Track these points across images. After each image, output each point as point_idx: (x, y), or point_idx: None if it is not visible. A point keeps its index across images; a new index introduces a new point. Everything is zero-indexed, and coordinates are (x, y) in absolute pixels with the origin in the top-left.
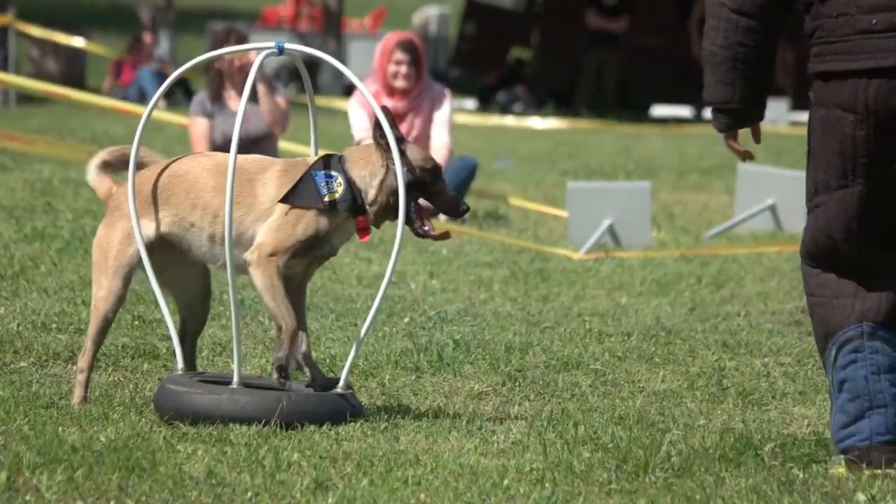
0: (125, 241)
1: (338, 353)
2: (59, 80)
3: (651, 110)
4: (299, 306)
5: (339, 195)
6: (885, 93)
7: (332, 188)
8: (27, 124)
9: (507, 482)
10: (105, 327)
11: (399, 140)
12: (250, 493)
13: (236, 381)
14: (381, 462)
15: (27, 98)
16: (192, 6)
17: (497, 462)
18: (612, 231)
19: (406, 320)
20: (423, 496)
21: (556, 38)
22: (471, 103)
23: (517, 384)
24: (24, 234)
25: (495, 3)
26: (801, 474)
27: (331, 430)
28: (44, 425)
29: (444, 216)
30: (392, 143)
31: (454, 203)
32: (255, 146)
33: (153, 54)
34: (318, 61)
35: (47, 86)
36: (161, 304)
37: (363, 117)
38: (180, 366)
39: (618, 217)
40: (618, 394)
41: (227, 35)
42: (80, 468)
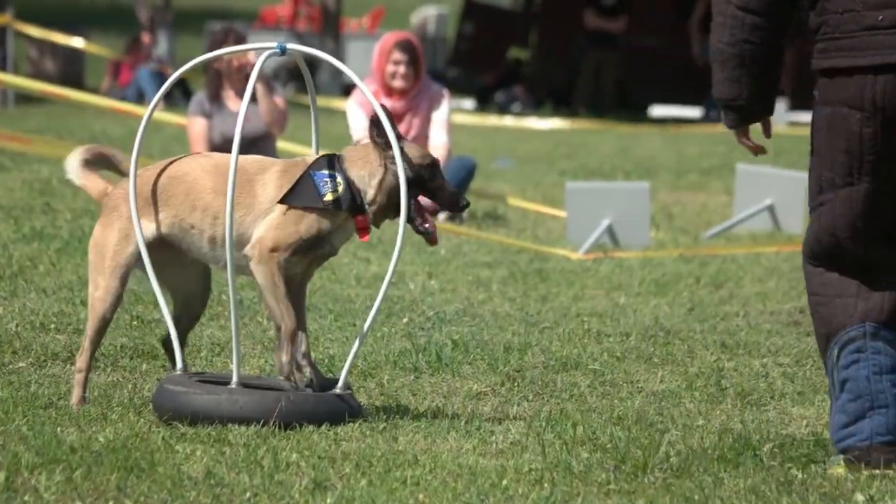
0: (122, 241)
1: (336, 353)
2: (57, 80)
3: (650, 110)
4: (299, 306)
5: (339, 195)
6: (892, 89)
7: (332, 188)
8: (25, 124)
9: (505, 482)
10: (103, 327)
11: (397, 138)
12: (249, 494)
13: (235, 381)
14: (379, 462)
15: (25, 98)
16: (190, 6)
17: (496, 462)
18: (610, 231)
19: (405, 321)
20: (421, 496)
21: (555, 38)
22: (469, 103)
23: (516, 384)
24: (23, 234)
25: (493, 3)
26: (799, 475)
27: (329, 431)
28: (42, 425)
29: (442, 215)
30: (393, 141)
31: (454, 198)
32: (253, 146)
33: (151, 54)
34: (316, 61)
35: (45, 86)
36: (161, 305)
37: (362, 117)
38: (179, 366)
39: (616, 217)
40: (616, 394)
41: (226, 35)
42: (78, 468)
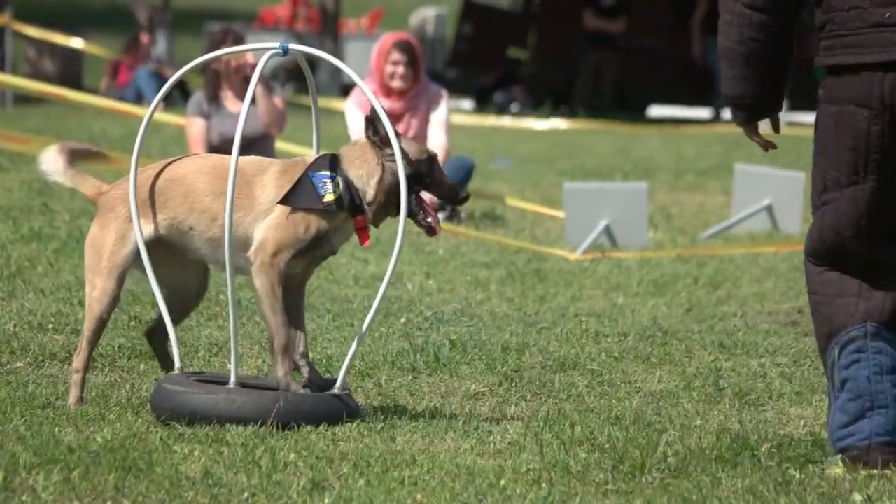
0: (119, 242)
1: (334, 353)
2: (55, 81)
3: (648, 111)
4: (298, 307)
5: (338, 195)
6: None
7: (331, 189)
8: (24, 124)
9: (503, 482)
10: (100, 328)
11: (395, 135)
12: (247, 494)
13: (233, 381)
14: (377, 462)
15: (24, 98)
16: (189, 7)
17: (494, 462)
18: (608, 231)
19: (403, 321)
20: (419, 496)
21: (554, 39)
22: (468, 104)
23: (514, 385)
24: (21, 234)
25: (492, 3)
26: (797, 475)
27: (327, 431)
28: (40, 426)
29: (440, 215)
30: (393, 139)
31: (453, 191)
32: (252, 147)
33: (150, 55)
34: (315, 62)
35: (44, 86)
36: (160, 306)
37: (360, 118)
38: (177, 366)
39: (614, 217)
40: (614, 394)
41: (225, 36)
42: (76, 468)
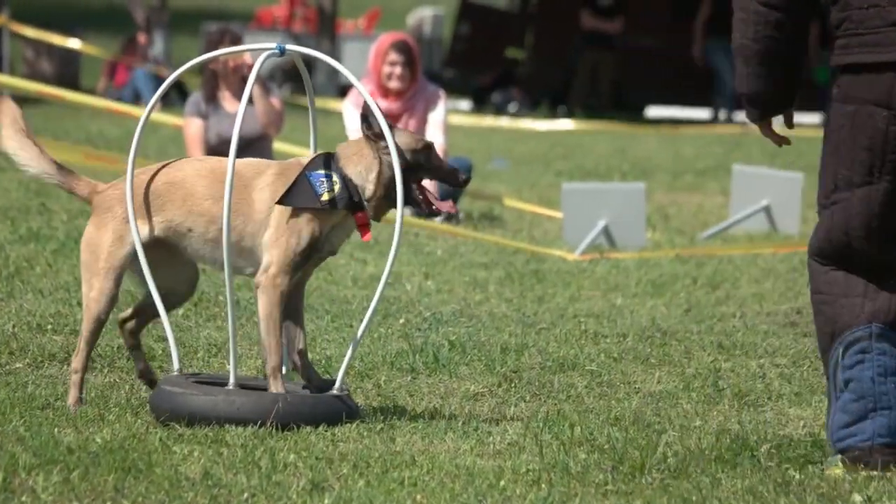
0: (116, 242)
1: (333, 354)
2: (53, 81)
3: (646, 111)
4: (297, 306)
5: (336, 193)
6: None
7: (328, 187)
8: None
9: (503, 483)
10: (98, 328)
11: (388, 128)
12: (246, 495)
13: (232, 382)
14: (377, 463)
15: (21, 99)
16: (186, 7)
17: (493, 463)
18: (607, 232)
19: (401, 321)
20: (419, 497)
21: (551, 39)
22: (465, 104)
23: (513, 385)
24: (19, 235)
25: (489, 3)
26: (797, 475)
27: (327, 432)
28: (39, 426)
29: (439, 217)
30: (385, 130)
31: (454, 174)
32: (249, 147)
33: (147, 55)
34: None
35: (42, 86)
36: (159, 306)
37: (358, 118)
38: (176, 366)
39: (613, 218)
40: (614, 395)
41: (222, 36)
42: (76, 469)
